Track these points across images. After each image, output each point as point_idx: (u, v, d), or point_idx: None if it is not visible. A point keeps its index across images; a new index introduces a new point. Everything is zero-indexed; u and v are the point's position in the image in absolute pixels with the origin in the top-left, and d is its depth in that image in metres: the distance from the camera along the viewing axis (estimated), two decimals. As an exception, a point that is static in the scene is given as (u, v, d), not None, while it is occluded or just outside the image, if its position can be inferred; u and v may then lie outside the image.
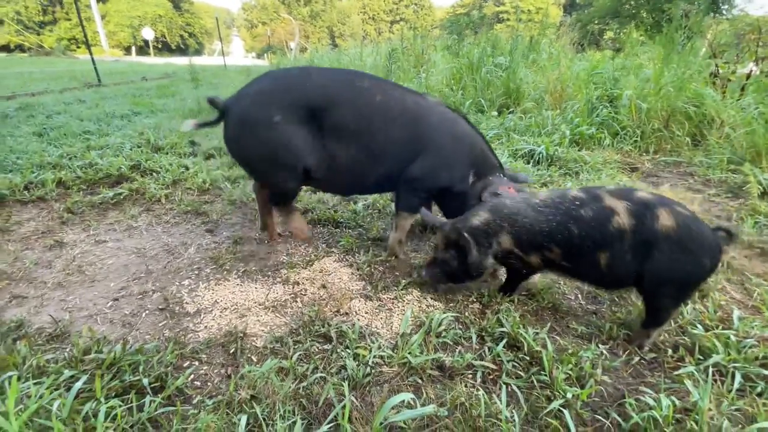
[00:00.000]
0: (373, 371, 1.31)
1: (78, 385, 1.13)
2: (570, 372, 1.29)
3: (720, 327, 1.52)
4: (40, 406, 1.06)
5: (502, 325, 1.50)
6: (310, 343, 1.44)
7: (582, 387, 1.25)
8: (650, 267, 1.36)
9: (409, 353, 1.35)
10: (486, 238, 1.55)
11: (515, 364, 1.35)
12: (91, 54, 10.11)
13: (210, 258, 2.04)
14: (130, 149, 3.51)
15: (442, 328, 1.50)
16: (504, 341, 1.42)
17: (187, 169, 3.16)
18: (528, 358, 1.36)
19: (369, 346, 1.42)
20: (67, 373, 1.21)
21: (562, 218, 1.44)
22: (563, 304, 1.73)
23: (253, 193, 2.31)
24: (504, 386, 1.24)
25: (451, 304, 1.70)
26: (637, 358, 1.43)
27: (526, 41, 6.63)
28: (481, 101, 5.38)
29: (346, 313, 1.64)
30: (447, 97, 5.57)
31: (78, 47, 31.73)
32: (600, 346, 1.47)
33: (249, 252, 2.11)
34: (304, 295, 1.77)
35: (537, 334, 1.46)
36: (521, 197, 1.62)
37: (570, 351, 1.39)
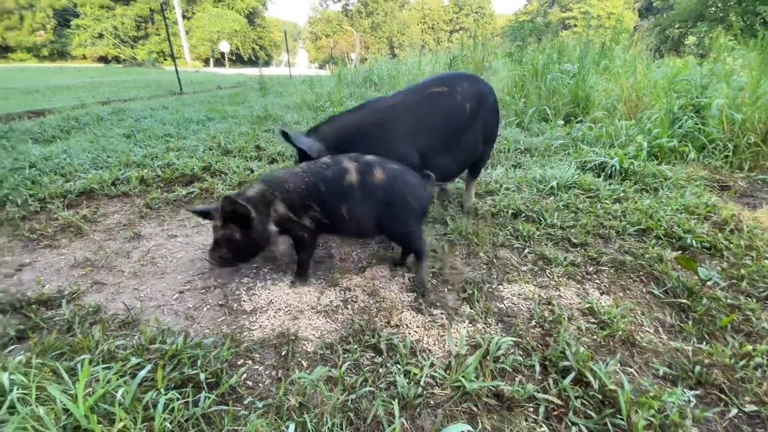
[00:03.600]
0: (424, 392, 1.24)
1: (142, 373, 1.18)
2: (652, 419, 1.12)
3: None
4: (107, 392, 1.11)
5: (567, 357, 1.36)
6: (359, 354, 1.40)
7: (667, 438, 1.09)
8: (378, 211, 1.72)
9: (463, 377, 1.26)
10: (264, 206, 1.69)
11: (584, 401, 1.21)
12: (175, 65, 11.16)
13: (267, 258, 2.09)
14: (203, 152, 3.77)
15: (501, 352, 1.38)
16: (572, 375, 1.27)
17: (252, 171, 3.31)
18: (599, 396, 1.21)
19: (420, 363, 1.35)
20: (133, 360, 1.27)
21: (314, 179, 1.71)
22: (641, 338, 1.53)
23: None
24: (572, 426, 1.11)
25: (510, 327, 1.58)
26: (734, 410, 1.22)
27: (596, 47, 6.23)
28: (545, 109, 5.11)
29: (397, 326, 1.58)
30: (508, 105, 5.35)
31: (165, 59, 35.27)
32: (686, 391, 1.28)
33: (304, 255, 2.14)
34: (355, 302, 1.75)
35: (610, 369, 1.30)
36: (287, 169, 1.83)
37: (651, 394, 1.22)
